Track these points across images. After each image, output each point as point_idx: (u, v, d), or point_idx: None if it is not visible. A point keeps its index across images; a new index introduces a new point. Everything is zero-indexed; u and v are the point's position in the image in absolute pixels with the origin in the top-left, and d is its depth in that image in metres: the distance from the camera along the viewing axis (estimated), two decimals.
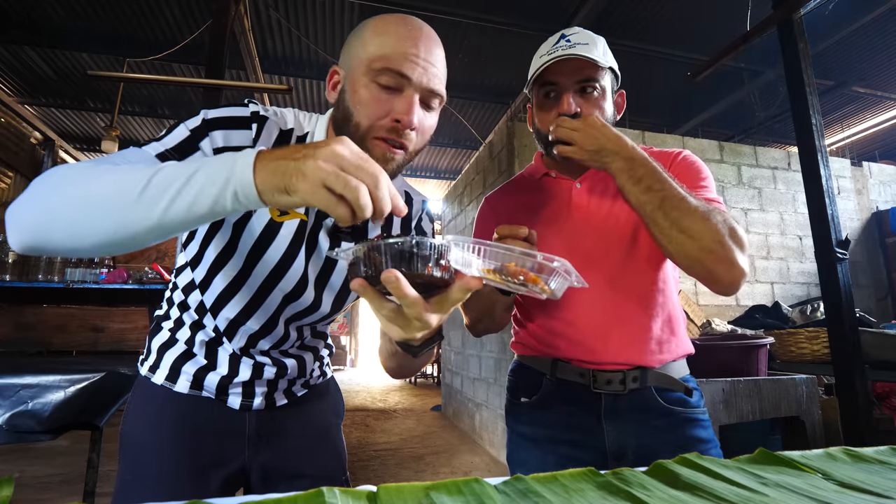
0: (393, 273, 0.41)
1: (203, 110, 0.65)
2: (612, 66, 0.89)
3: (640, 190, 0.75)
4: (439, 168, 7.64)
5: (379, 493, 0.40)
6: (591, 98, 0.86)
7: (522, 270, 0.48)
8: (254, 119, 0.67)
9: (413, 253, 0.43)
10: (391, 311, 0.46)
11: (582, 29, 0.90)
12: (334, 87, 0.70)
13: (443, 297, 0.46)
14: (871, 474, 0.48)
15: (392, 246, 0.43)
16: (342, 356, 10.84)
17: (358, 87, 0.64)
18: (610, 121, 0.89)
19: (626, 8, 3.90)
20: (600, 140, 0.76)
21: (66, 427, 1.36)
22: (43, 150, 5.75)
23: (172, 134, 0.62)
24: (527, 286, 0.48)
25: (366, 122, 0.64)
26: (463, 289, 0.45)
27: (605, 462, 0.86)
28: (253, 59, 4.02)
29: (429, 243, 0.43)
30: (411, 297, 0.43)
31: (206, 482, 0.74)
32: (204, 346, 0.76)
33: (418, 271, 0.43)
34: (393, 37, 0.64)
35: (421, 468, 3.22)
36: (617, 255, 0.88)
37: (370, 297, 0.45)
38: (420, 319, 0.45)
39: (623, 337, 0.86)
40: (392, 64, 0.62)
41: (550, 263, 0.48)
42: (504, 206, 1.01)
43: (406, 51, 0.63)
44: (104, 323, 3.37)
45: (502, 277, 0.48)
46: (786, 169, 3.91)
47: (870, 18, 3.91)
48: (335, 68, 0.71)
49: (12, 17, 4.11)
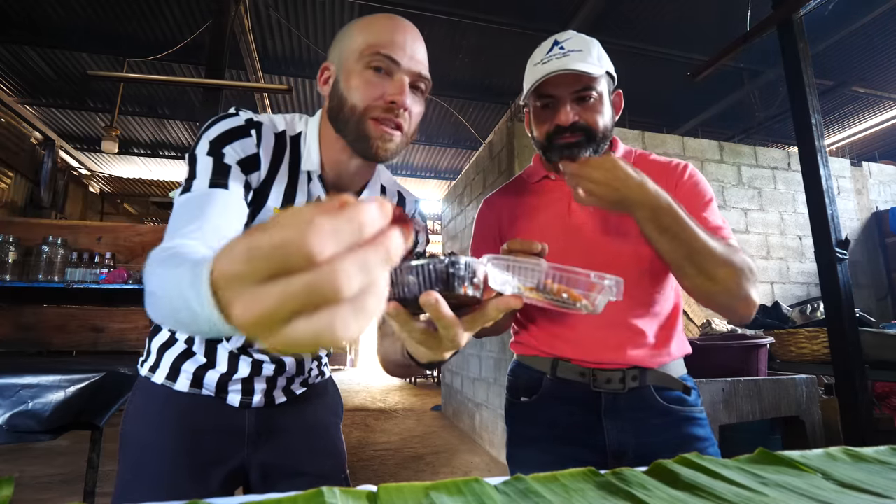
0: (433, 295, 0.40)
1: (202, 133, 0.67)
2: (608, 69, 0.89)
3: (666, 239, 0.74)
4: (439, 168, 7.64)
5: (379, 493, 0.40)
6: (588, 106, 0.86)
7: (565, 288, 0.46)
8: (251, 125, 0.69)
9: (450, 273, 0.41)
10: (421, 332, 0.44)
11: (575, 33, 0.90)
12: (326, 81, 0.73)
13: (476, 315, 0.44)
14: (871, 474, 0.48)
15: (426, 267, 0.41)
16: (342, 356, 10.84)
17: (351, 75, 0.68)
18: (610, 124, 0.89)
19: (626, 8, 3.90)
20: (622, 191, 0.73)
21: (66, 427, 1.36)
22: (43, 150, 5.76)
23: (200, 167, 0.64)
24: (569, 304, 0.46)
25: (361, 104, 0.67)
26: (501, 308, 0.44)
27: (605, 460, 0.86)
28: (253, 59, 4.02)
29: (463, 262, 0.42)
30: (449, 318, 0.41)
31: (207, 480, 0.75)
32: (203, 344, 0.77)
33: (455, 291, 0.42)
34: (381, 28, 0.68)
35: (421, 468, 3.22)
36: (616, 257, 0.89)
37: (402, 319, 0.44)
38: (453, 340, 0.44)
39: (622, 337, 0.87)
40: (382, 49, 0.66)
41: (602, 282, 0.46)
42: (504, 208, 1.01)
43: (394, 38, 0.67)
44: (104, 323, 3.36)
45: (544, 296, 0.46)
46: (786, 169, 3.91)
47: (870, 18, 3.91)
48: (326, 64, 0.73)
49: (12, 17, 4.11)
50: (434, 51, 2.51)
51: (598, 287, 0.46)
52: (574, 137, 0.86)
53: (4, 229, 3.21)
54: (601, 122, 0.87)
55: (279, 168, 0.72)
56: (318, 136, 0.74)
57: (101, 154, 6.88)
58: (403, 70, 0.67)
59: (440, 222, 5.91)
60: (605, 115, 0.87)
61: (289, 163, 0.73)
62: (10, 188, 5.28)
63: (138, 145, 6.87)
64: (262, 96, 4.62)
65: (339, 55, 0.71)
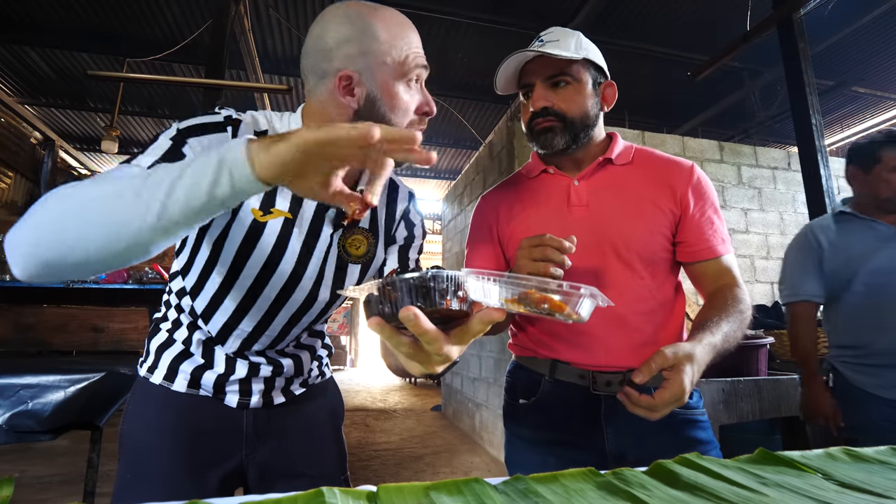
0: (411, 310, 0.40)
1: (175, 123, 0.66)
2: (589, 57, 0.89)
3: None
4: (439, 168, 7.65)
5: (379, 493, 0.40)
6: (561, 91, 0.88)
7: (546, 297, 0.46)
8: (227, 122, 0.66)
9: (430, 287, 0.41)
10: (409, 346, 0.44)
11: (557, 28, 0.92)
12: (350, 91, 0.66)
13: (463, 329, 0.44)
14: (871, 474, 0.48)
15: (408, 281, 0.41)
16: (342, 356, 10.84)
17: (395, 91, 0.67)
18: (592, 112, 0.90)
19: (626, 8, 3.90)
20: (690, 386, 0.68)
21: (66, 427, 1.36)
22: (43, 150, 5.75)
23: (155, 146, 0.62)
24: (553, 314, 0.47)
25: (405, 122, 0.69)
26: (485, 320, 0.43)
27: (605, 464, 0.85)
28: (253, 59, 4.02)
29: (445, 275, 0.42)
30: (431, 332, 0.41)
31: (205, 480, 0.75)
32: (201, 346, 0.77)
33: (436, 305, 0.41)
34: (407, 39, 0.68)
35: (421, 468, 3.22)
36: (616, 255, 0.88)
37: (388, 334, 0.43)
38: (440, 354, 0.43)
39: (622, 339, 0.86)
40: (420, 60, 0.68)
41: (577, 291, 0.46)
42: (502, 203, 0.99)
43: (419, 46, 0.69)
44: (104, 323, 3.36)
45: (526, 307, 0.46)
46: (786, 169, 3.91)
47: (869, 18, 3.92)
48: (348, 72, 0.66)
49: (12, 17, 4.11)
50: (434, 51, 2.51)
51: (575, 297, 0.46)
52: (547, 122, 0.88)
53: (4, 229, 3.20)
54: (577, 108, 0.88)
55: None
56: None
57: (101, 154, 6.89)
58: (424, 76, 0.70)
59: (440, 222, 5.91)
60: (582, 102, 0.89)
61: None
62: (10, 188, 5.28)
63: (138, 145, 6.87)
64: (261, 96, 4.62)
65: (368, 65, 0.65)
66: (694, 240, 0.89)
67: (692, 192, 0.89)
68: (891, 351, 1.44)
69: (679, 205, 0.89)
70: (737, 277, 0.88)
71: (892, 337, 1.45)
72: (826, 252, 1.57)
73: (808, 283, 1.58)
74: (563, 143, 0.89)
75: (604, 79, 0.93)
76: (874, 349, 1.48)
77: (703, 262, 0.89)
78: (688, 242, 0.89)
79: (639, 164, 0.93)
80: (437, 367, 0.46)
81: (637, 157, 0.94)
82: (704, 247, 0.88)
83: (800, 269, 1.60)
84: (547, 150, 0.91)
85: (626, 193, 0.90)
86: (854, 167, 1.59)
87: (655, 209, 0.88)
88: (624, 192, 0.90)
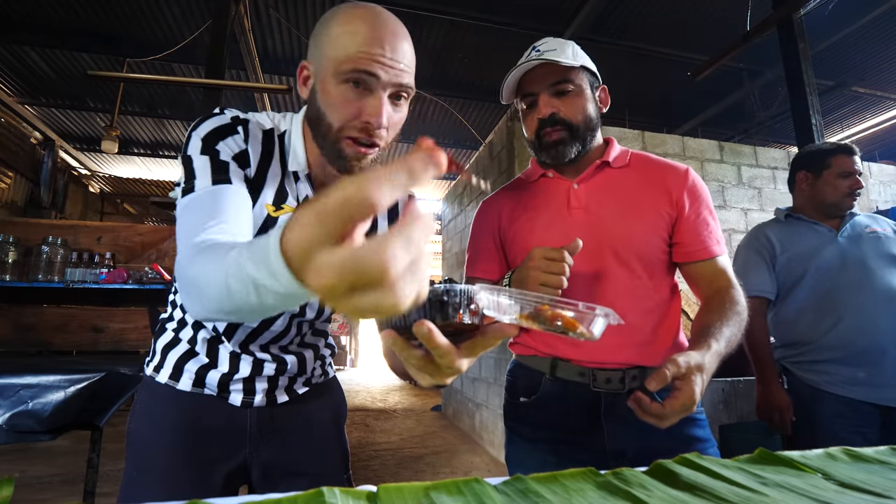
0: (425, 325, 0.39)
1: (191, 133, 0.66)
2: (585, 64, 0.92)
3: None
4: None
5: (379, 493, 0.40)
6: (567, 98, 0.90)
7: (560, 315, 0.46)
8: (237, 122, 0.69)
9: (444, 301, 0.41)
10: (420, 359, 0.44)
11: (551, 38, 0.94)
12: (305, 82, 0.70)
13: (474, 342, 0.44)
14: (871, 474, 0.48)
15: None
16: (342, 356, 10.84)
17: (328, 87, 0.65)
18: (594, 116, 0.92)
19: (627, 8, 3.90)
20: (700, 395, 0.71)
21: (66, 427, 1.36)
22: (43, 150, 5.76)
23: (197, 166, 0.63)
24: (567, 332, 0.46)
25: (337, 124, 0.65)
26: (498, 335, 0.43)
27: (605, 461, 0.86)
28: (253, 59, 4.02)
29: (458, 290, 0.42)
30: (444, 347, 0.41)
31: (209, 478, 0.76)
32: (205, 344, 0.77)
33: (450, 319, 0.41)
34: (360, 37, 0.63)
35: (421, 468, 3.22)
36: (614, 256, 0.89)
37: (399, 347, 0.43)
38: (451, 367, 0.43)
39: (622, 336, 0.86)
40: (360, 65, 0.62)
41: (592, 312, 0.46)
42: (503, 207, 1.01)
43: (372, 51, 0.62)
44: (104, 323, 3.37)
45: (539, 324, 0.46)
46: (786, 169, 3.91)
47: (869, 18, 3.92)
48: (305, 63, 0.70)
49: (12, 17, 4.12)
50: (434, 51, 2.53)
51: (589, 317, 0.47)
52: (557, 133, 0.89)
53: (4, 229, 3.21)
54: (581, 114, 0.90)
55: (269, 165, 0.72)
56: (301, 135, 0.74)
57: (101, 154, 6.89)
58: (382, 84, 0.63)
59: (440, 222, 5.91)
60: (585, 108, 0.91)
61: (279, 160, 0.73)
62: (10, 188, 5.29)
63: (138, 145, 6.88)
64: (261, 96, 4.62)
65: (318, 57, 0.67)
66: (689, 241, 0.90)
67: (687, 195, 0.91)
68: (839, 346, 1.47)
69: (675, 207, 0.91)
70: (731, 278, 0.90)
71: (839, 332, 1.47)
72: (777, 250, 1.61)
73: (759, 279, 1.61)
74: (574, 153, 0.92)
75: (598, 84, 0.96)
76: (822, 344, 1.50)
77: (699, 263, 0.91)
78: (684, 243, 0.91)
79: (635, 167, 0.96)
80: (446, 379, 0.46)
81: (634, 161, 0.97)
82: (700, 247, 0.90)
83: (752, 266, 1.64)
84: (558, 162, 0.93)
85: (624, 196, 0.92)
86: (803, 171, 1.65)
87: (652, 211, 0.90)
88: (622, 195, 0.92)
